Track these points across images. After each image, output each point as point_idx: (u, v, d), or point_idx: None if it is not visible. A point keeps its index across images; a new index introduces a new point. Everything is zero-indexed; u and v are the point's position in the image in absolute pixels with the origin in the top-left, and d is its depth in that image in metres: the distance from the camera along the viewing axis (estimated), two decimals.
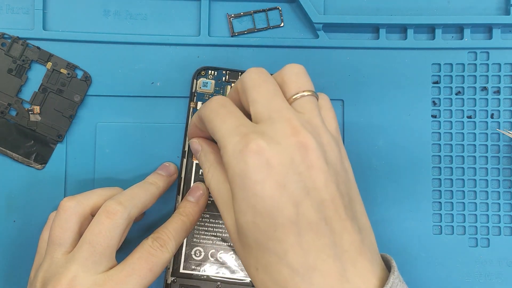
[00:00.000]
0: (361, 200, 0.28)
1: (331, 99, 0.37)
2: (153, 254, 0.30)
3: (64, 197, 0.35)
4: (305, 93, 0.27)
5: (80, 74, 0.36)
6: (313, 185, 0.24)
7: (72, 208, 0.30)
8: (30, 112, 0.36)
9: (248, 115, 0.27)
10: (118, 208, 0.30)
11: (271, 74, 0.28)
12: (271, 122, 0.25)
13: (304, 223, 0.24)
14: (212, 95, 0.36)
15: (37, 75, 0.36)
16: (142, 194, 0.32)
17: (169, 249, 0.31)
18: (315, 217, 0.24)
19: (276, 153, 0.24)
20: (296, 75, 0.28)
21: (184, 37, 0.37)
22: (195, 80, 0.36)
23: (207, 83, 0.36)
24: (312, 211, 0.24)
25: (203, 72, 0.36)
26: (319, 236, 0.24)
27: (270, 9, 0.37)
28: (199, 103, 0.36)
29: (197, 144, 0.31)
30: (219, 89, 0.36)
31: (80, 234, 0.30)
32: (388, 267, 0.26)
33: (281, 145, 0.24)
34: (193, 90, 0.36)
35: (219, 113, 0.27)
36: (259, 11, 0.37)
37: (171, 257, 0.31)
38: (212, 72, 0.36)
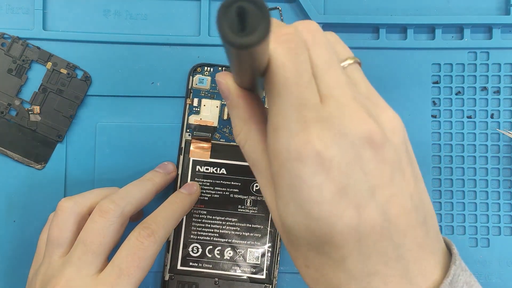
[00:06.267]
0: (421, 175, 0.24)
1: None
2: (140, 247, 0.29)
3: (64, 197, 0.35)
4: (351, 61, 0.23)
5: (80, 74, 0.36)
6: (379, 183, 0.20)
7: (70, 209, 0.30)
8: (30, 112, 0.36)
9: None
10: (111, 207, 0.30)
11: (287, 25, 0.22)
12: (337, 105, 0.20)
13: (366, 227, 0.20)
14: (208, 91, 0.36)
15: (37, 75, 0.36)
16: (137, 191, 0.32)
17: (158, 239, 0.30)
18: (379, 220, 0.20)
19: (340, 150, 0.20)
20: (335, 38, 0.23)
21: (184, 37, 0.37)
22: (191, 77, 0.36)
23: (203, 79, 0.36)
24: (376, 214, 0.20)
25: (199, 69, 0.36)
26: (382, 239, 0.21)
27: (270, 9, 0.37)
28: (195, 100, 0.36)
29: (225, 87, 0.23)
30: (215, 86, 0.36)
31: (78, 234, 0.30)
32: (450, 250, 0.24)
33: (348, 139, 0.20)
34: (189, 87, 0.36)
35: (281, 82, 0.20)
36: None
37: (160, 247, 0.30)
38: (208, 68, 0.36)
